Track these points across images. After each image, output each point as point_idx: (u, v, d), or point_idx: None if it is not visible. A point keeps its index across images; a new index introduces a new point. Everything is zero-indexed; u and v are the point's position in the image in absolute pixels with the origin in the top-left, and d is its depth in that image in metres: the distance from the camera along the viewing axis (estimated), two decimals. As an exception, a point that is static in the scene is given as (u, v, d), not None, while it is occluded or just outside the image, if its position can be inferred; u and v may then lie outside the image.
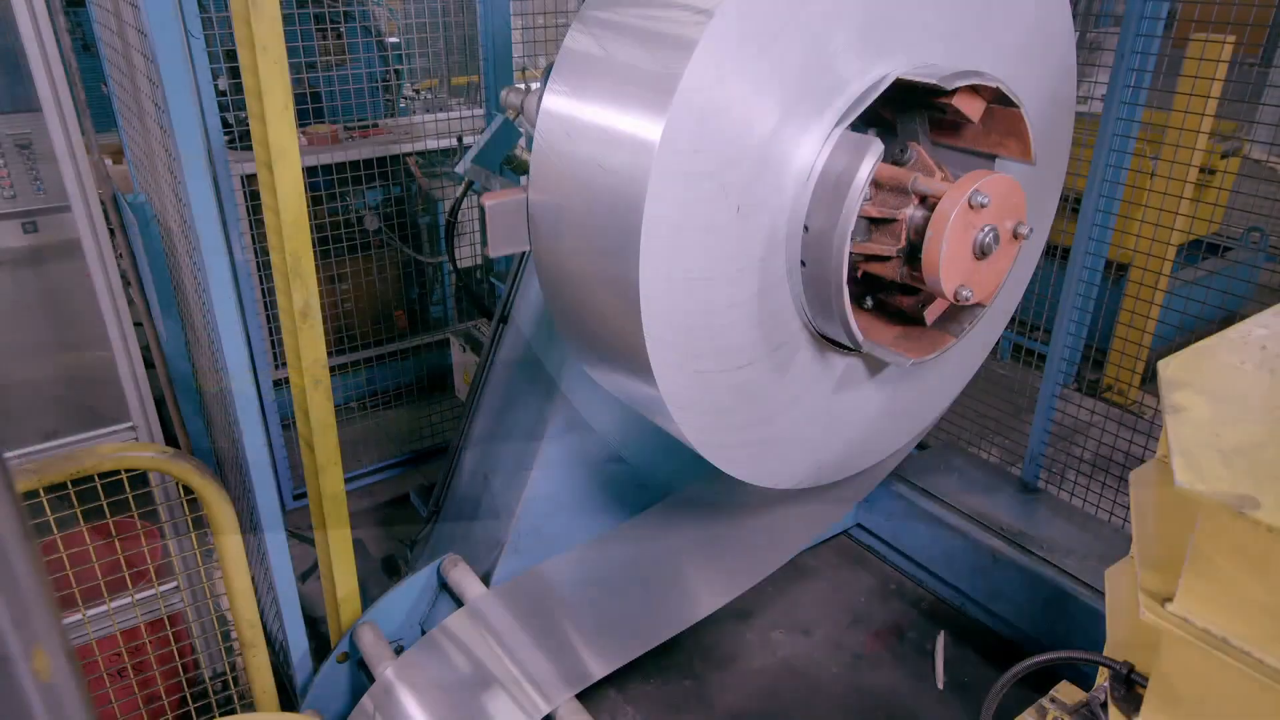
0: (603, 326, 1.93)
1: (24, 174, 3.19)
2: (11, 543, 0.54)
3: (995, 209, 1.74)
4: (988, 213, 1.74)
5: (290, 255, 2.10)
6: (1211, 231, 4.68)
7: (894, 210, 1.77)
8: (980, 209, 1.70)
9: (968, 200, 1.68)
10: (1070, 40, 2.20)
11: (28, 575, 0.50)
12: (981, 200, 1.68)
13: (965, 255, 1.76)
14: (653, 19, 1.78)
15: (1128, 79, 2.84)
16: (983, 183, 1.70)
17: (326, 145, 3.96)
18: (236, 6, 1.93)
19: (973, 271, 1.81)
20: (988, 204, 1.69)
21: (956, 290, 1.77)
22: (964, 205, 1.68)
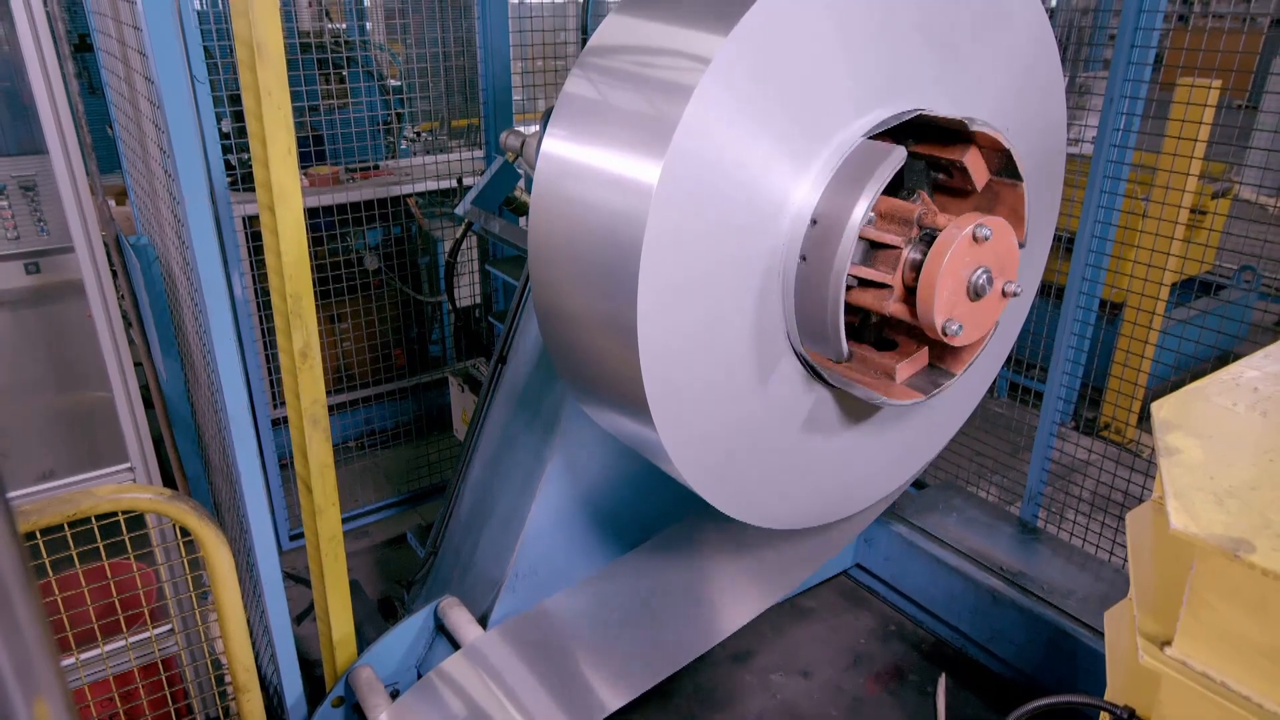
0: (600, 367, 1.94)
1: (28, 215, 3.22)
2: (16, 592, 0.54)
3: (991, 254, 1.76)
4: (985, 254, 1.76)
5: (291, 296, 2.12)
6: (1204, 270, 4.72)
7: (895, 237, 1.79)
8: (984, 242, 1.73)
9: (972, 233, 1.70)
10: (1060, 86, 2.24)
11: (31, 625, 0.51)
12: (985, 233, 1.71)
13: (959, 290, 1.78)
14: (650, 66, 1.81)
15: (1117, 122, 2.89)
16: (987, 218, 1.73)
17: (328, 186, 4.00)
18: (242, 54, 1.96)
19: (964, 310, 1.83)
20: (990, 237, 1.72)
21: (944, 324, 1.79)
22: (968, 236, 1.71)
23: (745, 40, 1.66)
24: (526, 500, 2.60)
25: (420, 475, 4.24)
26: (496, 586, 2.63)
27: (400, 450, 4.43)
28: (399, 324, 4.49)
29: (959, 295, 1.79)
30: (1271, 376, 1.31)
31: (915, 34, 1.88)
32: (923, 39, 1.90)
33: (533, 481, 2.59)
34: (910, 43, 1.88)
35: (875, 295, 1.88)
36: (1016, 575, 3.20)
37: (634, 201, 1.71)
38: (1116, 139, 2.91)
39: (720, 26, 1.68)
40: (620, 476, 2.70)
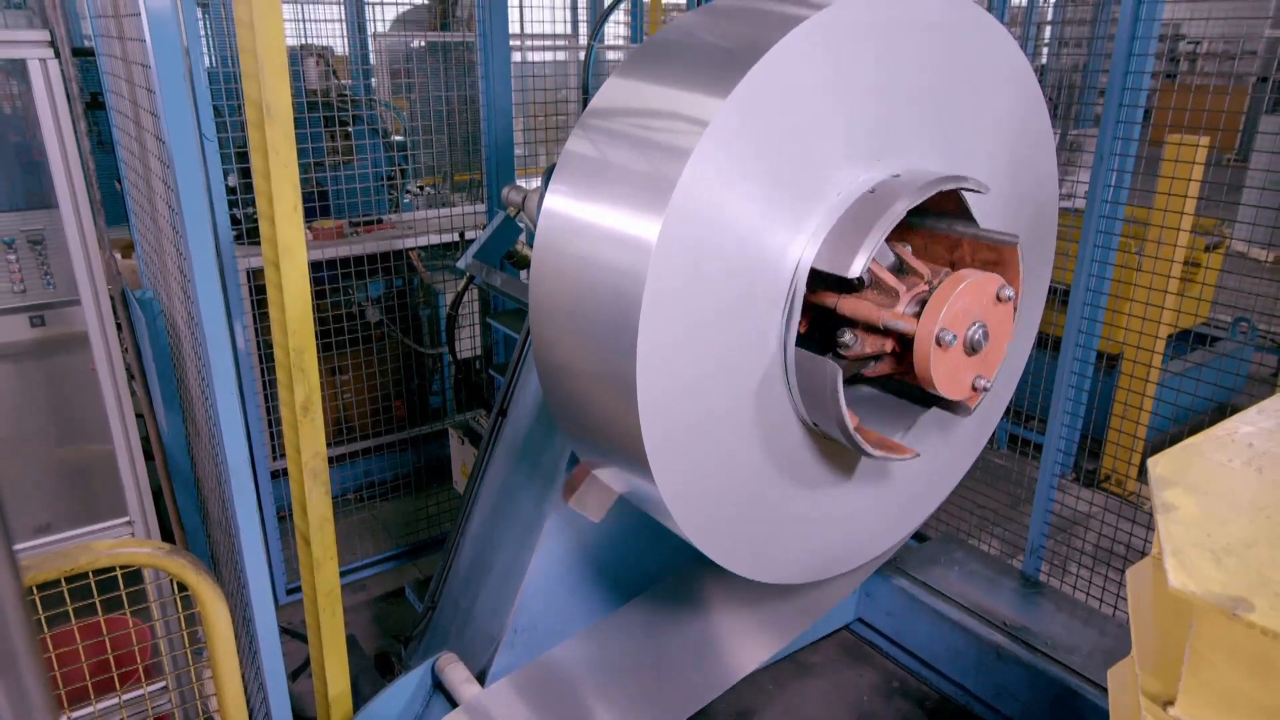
0: (600, 421, 1.95)
1: (35, 269, 3.26)
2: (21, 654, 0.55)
3: (969, 315, 1.79)
4: (963, 325, 1.79)
5: (294, 350, 2.13)
6: (1200, 322, 4.75)
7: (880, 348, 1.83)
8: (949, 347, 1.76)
9: (936, 340, 1.74)
10: (1050, 144, 2.29)
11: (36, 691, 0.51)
12: (949, 339, 1.74)
13: (960, 361, 1.80)
14: (650, 127, 1.86)
15: (1108, 179, 2.94)
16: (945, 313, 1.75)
17: (332, 240, 4.05)
18: (252, 115, 2.01)
19: (975, 364, 1.85)
20: (954, 342, 1.75)
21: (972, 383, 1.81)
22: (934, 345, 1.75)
23: (742, 103, 1.71)
24: (526, 554, 2.58)
25: (419, 528, 4.21)
26: (495, 642, 2.60)
27: (399, 502, 4.41)
28: (399, 376, 4.50)
29: (963, 362, 1.82)
30: (1265, 432, 1.32)
31: (908, 96, 1.93)
32: (916, 101, 1.95)
33: (532, 535, 2.58)
34: (903, 105, 1.93)
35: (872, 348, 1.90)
36: (1020, 630, 3.16)
37: (634, 258, 1.74)
38: (1108, 194, 2.96)
39: (718, 90, 1.72)
40: (620, 530, 2.69)
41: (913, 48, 1.90)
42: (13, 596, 0.59)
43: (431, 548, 4.20)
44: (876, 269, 1.86)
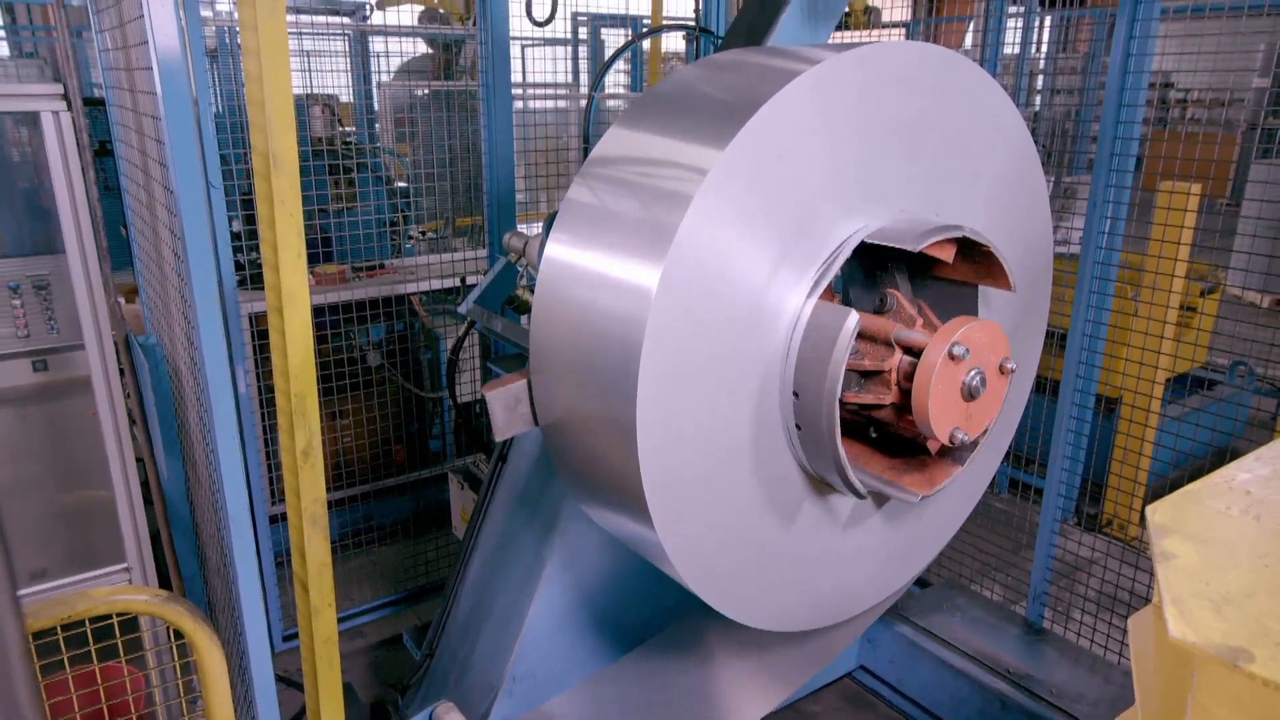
0: (600, 466, 1.95)
1: (39, 314, 3.28)
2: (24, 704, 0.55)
3: (978, 353, 1.80)
4: (971, 359, 1.80)
5: (295, 396, 2.14)
6: (1198, 366, 4.77)
7: (881, 362, 1.83)
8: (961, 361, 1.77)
9: (949, 352, 1.74)
10: (1043, 191, 2.33)
11: (43, 743, 0.52)
12: (960, 352, 1.75)
13: (955, 400, 1.81)
14: (650, 176, 1.89)
15: (1101, 225, 2.98)
16: (961, 333, 1.77)
17: (334, 285, 4.08)
18: (258, 164, 2.05)
19: (964, 413, 1.86)
20: (967, 356, 1.76)
21: (951, 434, 1.81)
22: (945, 358, 1.75)
23: (739, 154, 1.74)
24: (525, 600, 2.57)
25: (418, 573, 4.18)
26: (494, 690, 2.57)
27: (398, 547, 4.38)
28: (400, 420, 4.50)
29: (956, 404, 1.83)
30: (1263, 480, 1.32)
31: (901, 147, 1.97)
32: (909, 152, 1.98)
33: (532, 581, 2.57)
34: (897, 155, 1.97)
35: (872, 397, 1.91)
36: (1024, 678, 3.13)
37: (634, 304, 1.76)
38: (1102, 241, 2.99)
39: (716, 141, 1.76)
40: (620, 577, 2.67)
41: (905, 101, 1.95)
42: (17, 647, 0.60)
43: (430, 593, 4.17)
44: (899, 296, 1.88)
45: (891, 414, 1.89)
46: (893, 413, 1.89)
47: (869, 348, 1.88)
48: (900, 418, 1.93)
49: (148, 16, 1.73)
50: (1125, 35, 2.76)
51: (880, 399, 1.83)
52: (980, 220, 2.11)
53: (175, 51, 1.82)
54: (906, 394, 1.84)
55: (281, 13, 1.93)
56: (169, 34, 1.79)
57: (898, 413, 1.90)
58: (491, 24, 3.76)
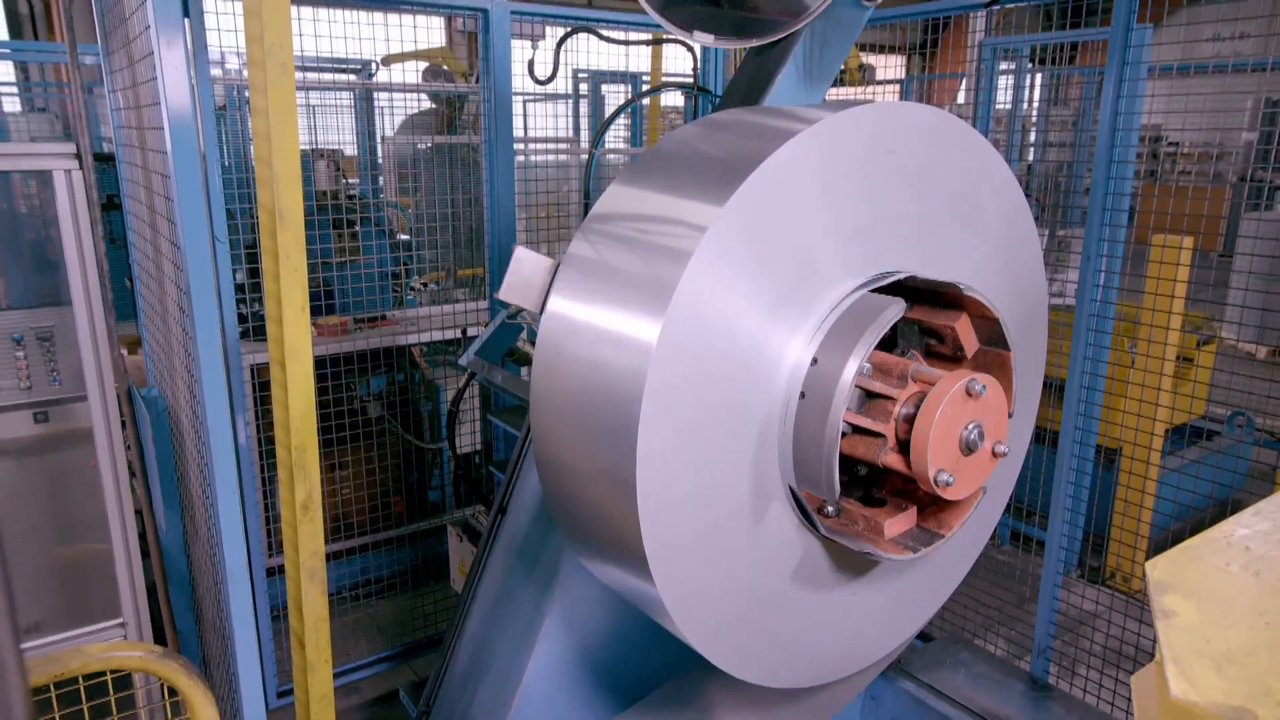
0: (599, 520, 1.95)
1: (42, 365, 3.30)
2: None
3: (983, 410, 1.81)
4: (976, 410, 1.81)
5: (296, 449, 2.15)
6: (1197, 417, 4.77)
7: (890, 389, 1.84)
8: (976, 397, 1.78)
9: (965, 387, 1.76)
10: (1036, 246, 2.36)
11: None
12: (978, 388, 1.77)
13: (951, 444, 1.82)
14: (650, 232, 1.92)
15: (1096, 279, 3.01)
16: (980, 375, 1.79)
17: (335, 337, 4.11)
18: (264, 220, 2.09)
19: (955, 463, 1.86)
20: (984, 392, 1.77)
21: (936, 474, 1.81)
22: (961, 390, 1.76)
23: (739, 210, 1.77)
24: (524, 655, 2.54)
25: (415, 627, 4.14)
26: (490, 749, 2.53)
27: (396, 600, 4.34)
28: (399, 471, 4.50)
29: (951, 447, 1.83)
30: (1261, 535, 1.32)
31: (897, 205, 2.01)
32: (904, 209, 2.02)
33: (531, 635, 2.54)
34: (892, 213, 2.00)
35: (869, 445, 1.92)
36: (1031, 736, 3.08)
37: (635, 358, 1.77)
38: (1097, 294, 3.02)
39: (716, 198, 1.79)
40: (620, 631, 2.65)
41: (900, 159, 1.99)
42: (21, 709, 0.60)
43: (427, 648, 4.11)
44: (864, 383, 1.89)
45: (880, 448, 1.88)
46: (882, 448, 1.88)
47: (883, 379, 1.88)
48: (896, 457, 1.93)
49: (160, 79, 1.78)
50: (1113, 95, 2.82)
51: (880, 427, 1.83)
52: (975, 274, 2.14)
53: (186, 112, 1.87)
54: (904, 445, 1.84)
55: (290, 76, 1.98)
56: (181, 96, 1.84)
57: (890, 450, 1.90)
58: (495, 81, 3.84)
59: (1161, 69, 3.28)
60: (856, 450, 1.93)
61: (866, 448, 1.93)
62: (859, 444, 1.93)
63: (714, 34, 2.60)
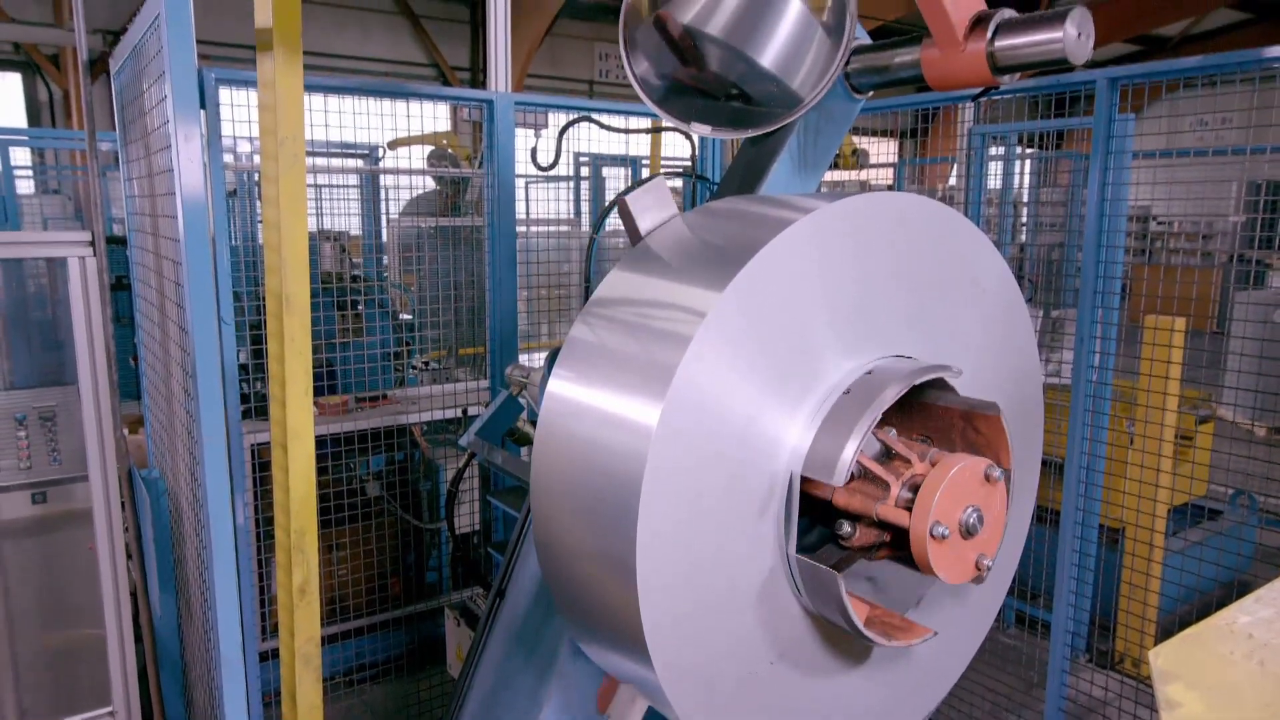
0: (600, 606, 1.94)
1: (43, 445, 3.31)
2: None
3: (964, 499, 1.81)
4: (963, 499, 1.81)
5: (295, 532, 2.14)
6: (1199, 495, 4.75)
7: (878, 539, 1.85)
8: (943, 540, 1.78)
9: (930, 533, 1.75)
10: (1028, 326, 2.40)
11: None
12: (942, 532, 1.76)
13: (959, 547, 1.81)
14: (651, 317, 1.96)
15: (1090, 359, 3.05)
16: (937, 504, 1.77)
17: (337, 416, 4.12)
18: (271, 305, 2.12)
19: (973, 546, 1.86)
20: (949, 535, 1.77)
21: (976, 562, 1.81)
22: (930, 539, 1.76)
23: (737, 296, 1.81)
24: (521, 746, 2.48)
25: (411, 714, 4.03)
26: (485, 845, 2.45)
27: (391, 685, 4.24)
28: (397, 551, 4.45)
29: (960, 548, 1.83)
30: (1264, 622, 1.32)
31: (891, 291, 2.05)
32: (898, 295, 2.06)
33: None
34: (886, 298, 2.04)
35: (867, 534, 1.92)
36: (1044, 830, 2.98)
37: (635, 441, 1.79)
38: (1092, 375, 3.05)
39: (715, 284, 1.84)
40: (619, 719, 2.59)
41: (894, 246, 2.04)
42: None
43: (421, 736, 4.01)
44: (866, 462, 1.90)
45: (893, 551, 1.88)
46: (894, 551, 1.88)
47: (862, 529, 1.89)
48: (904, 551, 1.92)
49: (176, 171, 1.84)
50: (1099, 183, 2.91)
51: (880, 538, 1.83)
52: (969, 356, 2.17)
53: (200, 202, 1.93)
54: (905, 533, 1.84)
55: (301, 166, 2.05)
56: (195, 186, 1.90)
57: (899, 546, 1.90)
58: (498, 168, 3.95)
59: (1145, 154, 3.39)
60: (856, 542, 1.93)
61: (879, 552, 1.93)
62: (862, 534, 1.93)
63: (711, 125, 2.69)
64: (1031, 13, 1.96)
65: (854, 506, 1.87)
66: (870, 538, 1.91)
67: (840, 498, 1.90)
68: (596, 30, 18.41)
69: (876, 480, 1.87)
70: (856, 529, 1.90)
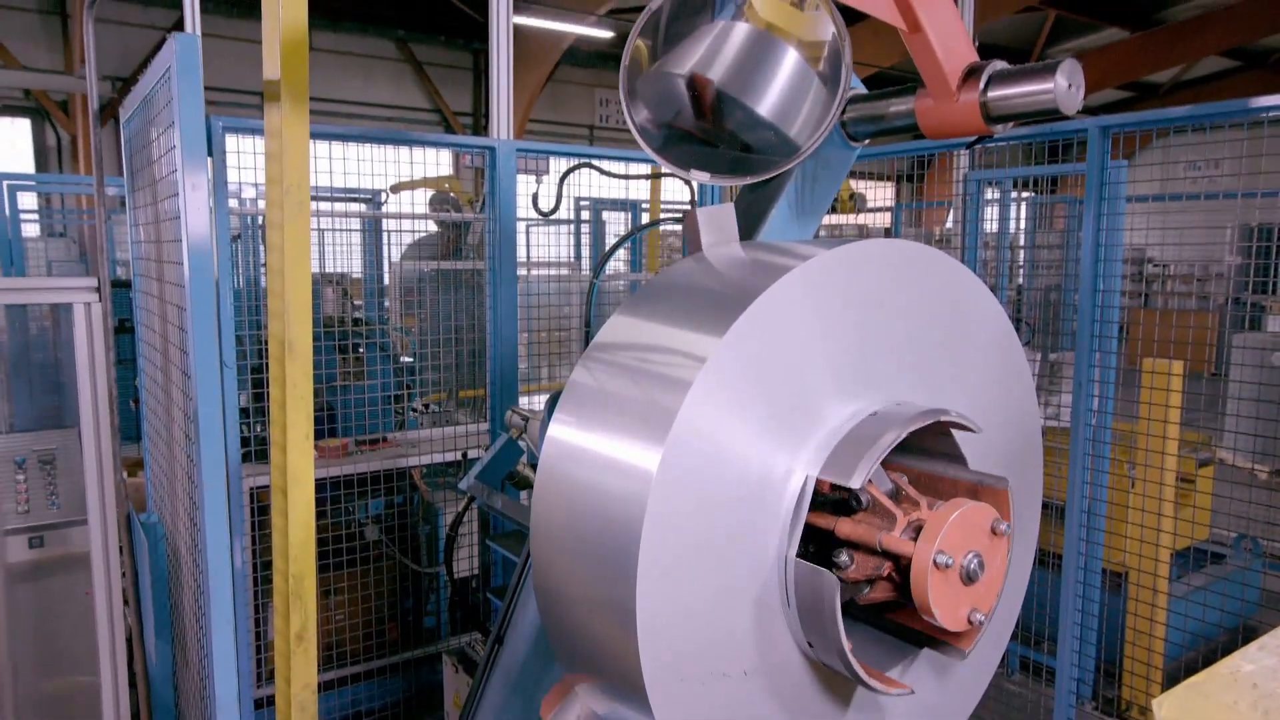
0: (600, 652, 1.92)
1: (41, 489, 3.30)
2: None
3: (967, 541, 1.81)
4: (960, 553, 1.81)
5: (293, 578, 2.13)
6: (1202, 538, 4.72)
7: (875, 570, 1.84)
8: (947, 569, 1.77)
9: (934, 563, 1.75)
10: (1025, 369, 2.41)
11: None
12: (946, 561, 1.76)
13: (957, 591, 1.80)
14: (651, 362, 1.98)
15: (1089, 403, 3.05)
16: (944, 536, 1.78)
17: (336, 459, 4.12)
18: (274, 349, 2.14)
19: (972, 594, 1.85)
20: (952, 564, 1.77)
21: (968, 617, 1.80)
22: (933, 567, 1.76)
23: (737, 341, 1.83)
24: (519, 798, 2.44)
25: (405, 764, 3.97)
26: None
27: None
28: (395, 597, 4.41)
29: (959, 591, 1.82)
30: (1267, 671, 1.31)
31: (889, 337, 2.07)
32: (896, 340, 2.08)
33: (526, 775, 2.45)
34: (885, 344, 2.06)
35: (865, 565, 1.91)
36: None
37: (635, 485, 1.79)
38: (1091, 419, 3.06)
39: (715, 329, 1.85)
40: (619, 769, 2.55)
41: (891, 292, 2.06)
42: None
43: (417, 788, 3.93)
44: (874, 492, 1.90)
45: (888, 589, 1.87)
46: (889, 588, 1.87)
47: (861, 558, 1.89)
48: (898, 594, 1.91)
49: (184, 219, 1.87)
50: (1094, 229, 2.94)
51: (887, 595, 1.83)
52: (968, 398, 2.18)
53: (205, 248, 1.96)
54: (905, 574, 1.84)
55: (306, 214, 2.08)
56: (201, 233, 1.93)
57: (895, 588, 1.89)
58: (500, 213, 4.00)
59: (1138, 198, 3.43)
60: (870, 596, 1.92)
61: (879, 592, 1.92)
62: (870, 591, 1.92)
63: (710, 172, 2.73)
64: (1023, 64, 2.00)
65: (857, 535, 1.87)
66: (868, 569, 1.90)
67: (844, 527, 1.89)
68: (597, 76, 18.73)
69: (883, 513, 1.87)
70: (854, 559, 1.89)
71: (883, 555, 1.87)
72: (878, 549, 1.85)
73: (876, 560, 1.88)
